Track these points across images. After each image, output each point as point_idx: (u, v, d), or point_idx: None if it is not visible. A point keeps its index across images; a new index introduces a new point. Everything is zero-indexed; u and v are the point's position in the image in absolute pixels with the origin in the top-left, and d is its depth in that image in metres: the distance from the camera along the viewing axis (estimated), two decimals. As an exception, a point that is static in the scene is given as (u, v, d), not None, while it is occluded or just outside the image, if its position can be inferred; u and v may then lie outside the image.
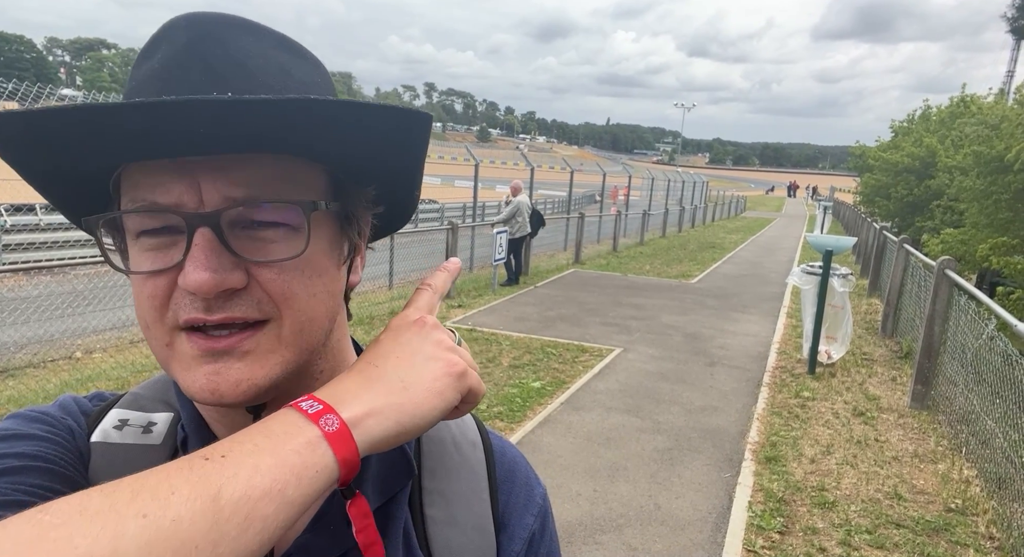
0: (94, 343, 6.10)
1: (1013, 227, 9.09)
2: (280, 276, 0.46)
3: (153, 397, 0.59)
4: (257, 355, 0.46)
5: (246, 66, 0.46)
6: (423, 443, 0.59)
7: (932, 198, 15.07)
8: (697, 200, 30.84)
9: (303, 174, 0.48)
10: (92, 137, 0.42)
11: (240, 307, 0.45)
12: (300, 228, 0.47)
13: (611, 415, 4.99)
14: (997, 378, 4.21)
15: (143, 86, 0.46)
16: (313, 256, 0.48)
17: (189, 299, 0.45)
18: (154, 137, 0.41)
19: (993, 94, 17.36)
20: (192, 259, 0.44)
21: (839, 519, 3.64)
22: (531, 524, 0.60)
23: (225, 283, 0.44)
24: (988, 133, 9.74)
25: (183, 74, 0.45)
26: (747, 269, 14.21)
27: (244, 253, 0.45)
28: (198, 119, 0.40)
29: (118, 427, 0.55)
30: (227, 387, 0.45)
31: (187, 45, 0.45)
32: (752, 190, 73.47)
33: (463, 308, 8.34)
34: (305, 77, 0.50)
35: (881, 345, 7.69)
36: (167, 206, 0.45)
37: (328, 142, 0.46)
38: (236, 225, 0.45)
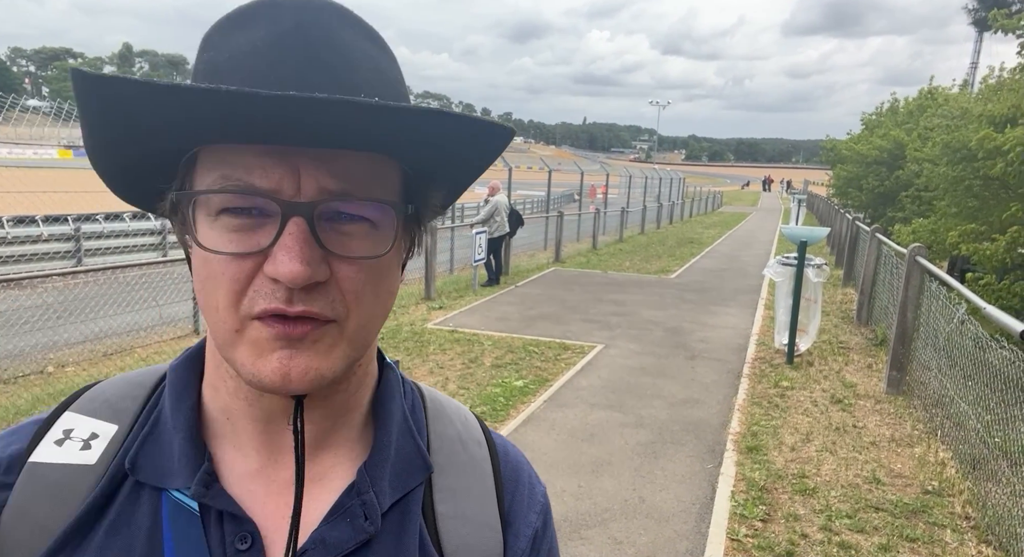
0: (66, 357, 5.97)
1: (981, 215, 9.29)
2: (358, 274, 0.47)
3: (110, 401, 0.56)
4: (325, 346, 0.47)
5: (348, 60, 0.46)
6: (432, 440, 0.60)
7: (902, 189, 15.36)
8: (674, 196, 31.11)
9: (387, 172, 0.48)
10: (213, 118, 0.41)
11: (319, 302, 0.45)
12: (381, 226, 0.48)
13: (594, 411, 5.01)
14: (969, 362, 4.31)
15: (243, 61, 0.45)
16: (390, 255, 0.49)
17: (272, 288, 0.44)
18: (277, 126, 0.41)
19: (958, 86, 17.77)
20: (285, 248, 0.43)
21: (820, 505, 3.70)
22: (535, 522, 0.61)
23: (315, 276, 0.44)
24: (957, 123, 9.95)
25: (293, 60, 0.44)
26: (725, 263, 14.37)
27: (331, 247, 0.45)
28: (328, 116, 0.40)
29: (59, 441, 0.53)
30: (297, 373, 0.45)
31: (296, 29, 0.45)
32: (728, 185, 74.31)
33: (444, 309, 8.31)
34: (391, 73, 0.50)
35: (856, 333, 7.82)
36: (265, 190, 0.44)
37: (425, 148, 0.47)
38: (323, 217, 0.45)
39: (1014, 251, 7.42)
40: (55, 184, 10.67)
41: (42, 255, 9.43)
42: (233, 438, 0.53)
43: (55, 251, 9.85)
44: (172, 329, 7.01)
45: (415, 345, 6.57)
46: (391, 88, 0.49)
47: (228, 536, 0.50)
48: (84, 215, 10.45)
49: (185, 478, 0.51)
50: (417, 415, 0.60)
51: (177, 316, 7.11)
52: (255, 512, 0.51)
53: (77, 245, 10.09)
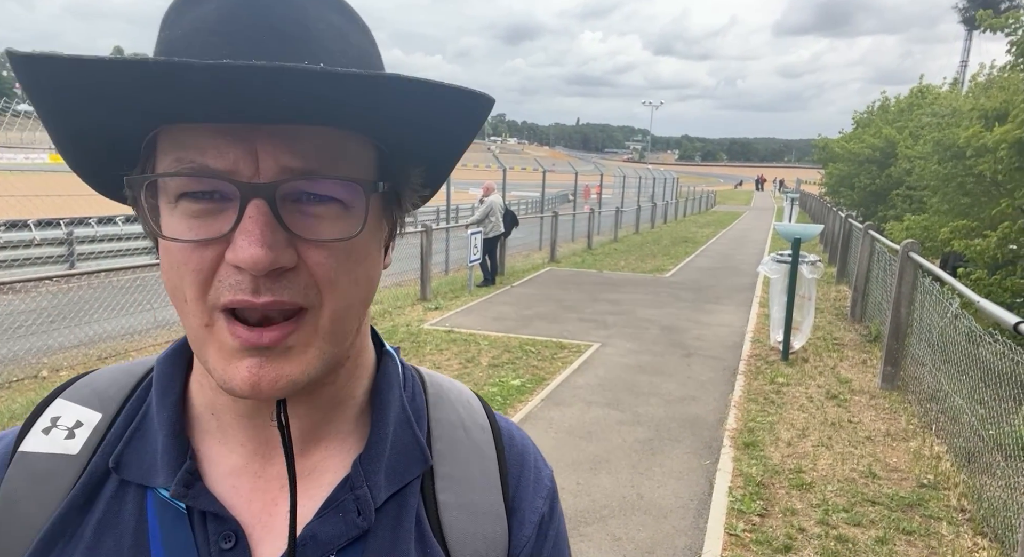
0: (60, 361, 5.94)
1: (973, 211, 9.37)
2: (328, 259, 0.44)
3: (98, 389, 0.55)
4: (297, 351, 0.44)
5: (308, 28, 0.43)
6: (433, 427, 0.58)
7: (894, 187, 15.45)
8: (668, 196, 31.18)
9: (357, 149, 0.45)
10: (150, 93, 0.38)
11: (288, 290, 0.43)
12: (352, 207, 0.44)
13: (591, 409, 5.02)
14: (963, 356, 4.34)
15: (195, 37, 0.42)
16: (363, 237, 0.46)
17: (236, 279, 0.42)
18: (222, 100, 0.38)
19: (948, 84, 17.90)
20: (245, 232, 0.41)
21: (817, 499, 3.71)
22: (541, 507, 0.59)
23: (279, 261, 0.41)
24: (948, 121, 10.02)
25: (240, 29, 0.41)
26: (719, 261, 14.41)
27: (297, 230, 0.42)
28: (278, 87, 0.37)
29: (46, 429, 0.52)
30: (267, 383, 0.43)
31: (242, 5, 0.42)
32: (721, 185, 74.54)
33: (440, 310, 8.31)
34: (359, 42, 0.47)
35: (851, 330, 7.86)
36: (220, 171, 0.41)
37: (392, 120, 0.43)
38: (288, 198, 0.43)
39: (1005, 247, 7.48)
40: (47, 188, 10.60)
41: (35, 260, 9.37)
42: (219, 434, 0.52)
43: (48, 255, 9.79)
44: (166, 332, 6.98)
45: (411, 346, 6.58)
46: (360, 59, 0.46)
47: (212, 535, 0.48)
48: (76, 219, 10.40)
49: (167, 477, 0.49)
50: (417, 403, 0.58)
51: (171, 319, 7.08)
52: (240, 509, 0.50)
53: (70, 249, 10.04)
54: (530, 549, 0.57)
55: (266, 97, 0.38)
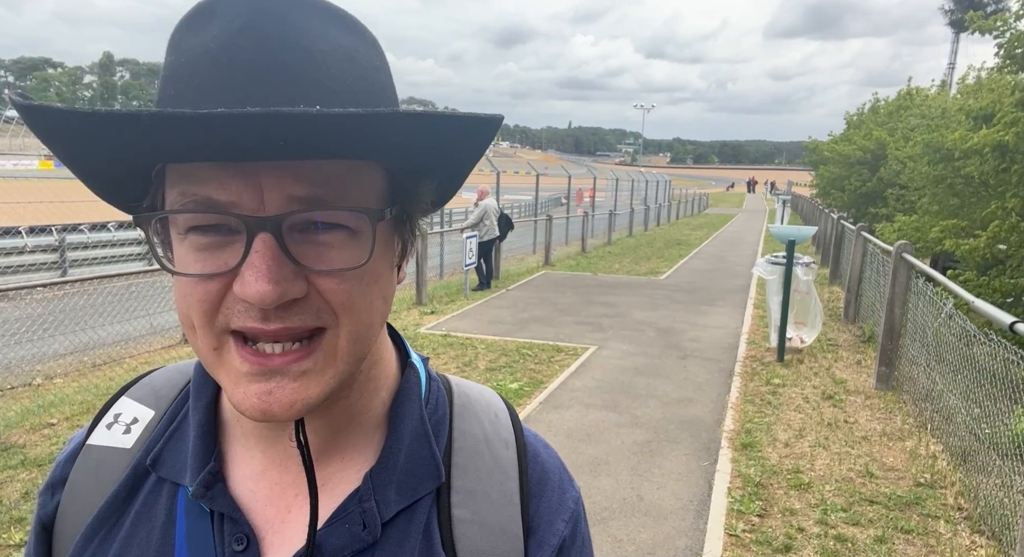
0: (54, 368, 5.90)
1: (962, 212, 9.46)
2: (340, 286, 0.44)
3: (157, 388, 0.59)
4: (312, 374, 0.44)
5: (311, 53, 0.42)
6: (455, 439, 0.57)
7: (885, 188, 15.57)
8: (661, 199, 31.29)
9: (366, 175, 0.45)
10: (145, 141, 0.39)
11: (299, 317, 0.43)
12: (360, 232, 0.44)
13: (590, 412, 5.03)
14: (956, 356, 4.38)
15: (197, 65, 0.42)
16: (373, 263, 0.45)
17: (244, 307, 0.42)
18: (217, 146, 0.38)
19: (936, 86, 18.07)
20: (252, 268, 0.41)
21: (815, 499, 3.74)
22: (562, 530, 0.57)
23: (287, 294, 0.41)
24: (938, 123, 10.13)
25: (242, 58, 0.41)
26: (713, 263, 14.48)
27: (305, 261, 0.42)
28: (273, 131, 0.37)
29: (109, 425, 0.57)
30: (279, 408, 0.43)
31: (246, 26, 0.41)
32: (713, 187, 74.88)
33: (436, 314, 8.31)
34: (366, 61, 0.46)
35: (845, 331, 7.92)
36: (225, 205, 0.41)
37: (400, 149, 0.43)
38: (295, 228, 0.43)
39: (995, 246, 7.56)
40: (38, 195, 10.53)
41: (27, 266, 9.30)
42: (243, 438, 0.54)
43: (40, 262, 9.73)
44: (161, 339, 6.94)
45: (408, 350, 6.57)
46: (366, 78, 0.45)
47: (227, 536, 0.50)
48: (68, 225, 10.34)
49: (192, 476, 0.52)
50: (439, 416, 0.57)
51: (166, 325, 7.05)
52: (256, 513, 0.51)
53: (62, 256, 9.97)
54: None
55: (262, 140, 0.38)
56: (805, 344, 6.72)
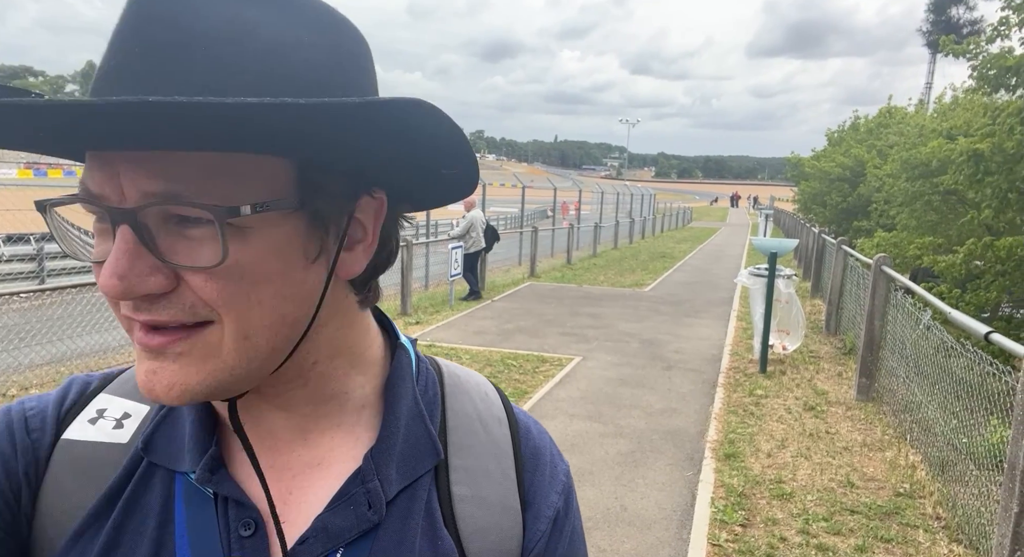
0: (30, 379, 5.79)
1: (940, 228, 9.67)
2: (209, 283, 0.42)
3: None
4: (192, 359, 0.43)
5: (190, 32, 0.40)
6: (448, 419, 0.57)
7: (865, 204, 15.85)
8: (646, 212, 31.54)
9: (248, 167, 0.42)
10: (27, 129, 0.40)
11: (168, 310, 0.42)
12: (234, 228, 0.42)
13: (574, 422, 5.03)
14: (934, 368, 4.45)
15: (104, 56, 0.42)
16: (255, 260, 0.43)
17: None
18: (72, 132, 0.39)
19: (914, 104, 18.50)
20: (108, 259, 0.41)
21: (797, 509, 3.76)
22: (556, 502, 0.58)
23: (136, 289, 0.40)
24: (915, 141, 10.37)
25: (131, 48, 0.40)
26: (697, 276, 14.60)
27: (168, 255, 0.41)
28: (113, 120, 0.36)
29: (93, 420, 0.54)
30: (160, 389, 0.43)
31: (131, 6, 0.41)
32: (697, 201, 75.65)
33: (421, 324, 8.28)
34: (278, 37, 0.42)
35: (826, 343, 8.01)
36: (96, 196, 0.42)
37: (274, 140, 0.40)
38: (169, 220, 0.41)
39: (971, 263, 7.72)
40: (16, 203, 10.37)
41: (4, 276, 9.15)
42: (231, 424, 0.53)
43: (18, 271, 9.57)
44: (141, 348, 6.84)
45: (392, 360, 6.54)
46: (268, 57, 0.41)
47: (233, 522, 0.49)
48: (47, 234, 10.15)
49: (193, 461, 0.50)
50: (430, 396, 0.58)
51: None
52: (258, 497, 0.50)
53: (40, 265, 9.82)
54: (544, 543, 0.56)
55: (104, 130, 0.38)
56: (788, 352, 6.81)
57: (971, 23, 51.09)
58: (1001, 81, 7.20)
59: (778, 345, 6.80)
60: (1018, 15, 6.75)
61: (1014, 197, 7.19)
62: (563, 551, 0.58)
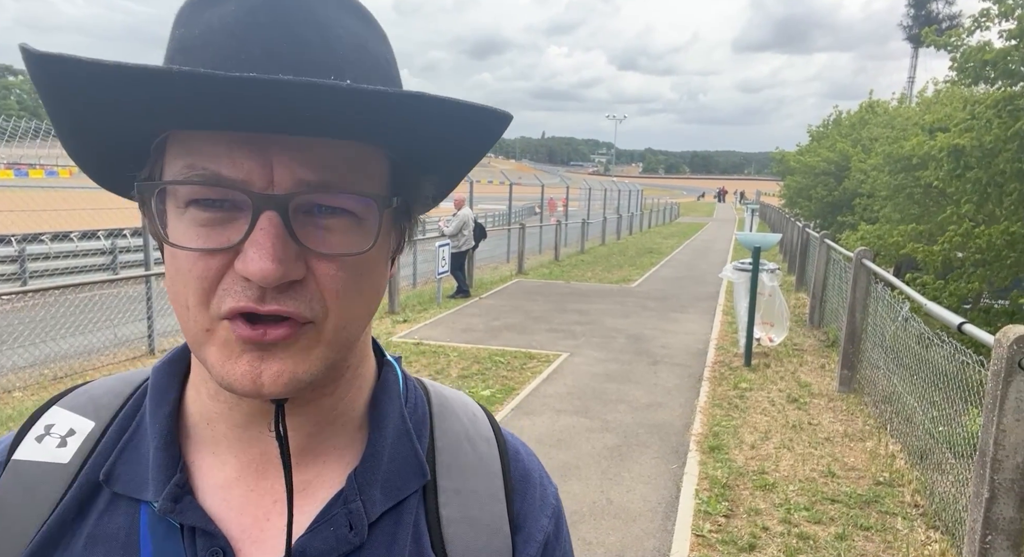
0: (13, 382, 5.74)
1: (922, 221, 9.80)
2: (338, 272, 0.43)
3: (94, 397, 0.54)
4: (299, 349, 0.44)
5: (327, 36, 0.42)
6: (437, 439, 0.56)
7: (850, 198, 16.00)
8: (633, 208, 31.65)
9: (372, 161, 0.45)
10: (169, 101, 0.38)
11: (294, 302, 0.42)
12: (364, 220, 0.44)
13: (561, 417, 5.07)
14: (913, 359, 4.53)
15: (211, 37, 0.41)
16: (373, 252, 0.45)
17: (243, 286, 0.41)
18: (242, 112, 0.38)
19: (896, 99, 18.69)
20: (257, 245, 0.40)
21: (779, 499, 3.82)
22: (546, 526, 0.57)
23: (288, 275, 0.41)
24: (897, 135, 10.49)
25: (261, 34, 0.41)
26: (684, 271, 14.70)
27: (308, 243, 0.42)
28: (302, 102, 0.37)
29: (40, 437, 0.52)
30: (268, 378, 0.42)
31: (264, 3, 0.41)
32: (684, 197, 75.99)
33: (408, 323, 8.29)
34: (376, 50, 0.46)
35: (810, 336, 8.11)
36: (234, 181, 0.41)
37: (410, 136, 0.43)
38: (300, 209, 0.42)
39: (952, 253, 7.83)
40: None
41: (-15, 277, 9.03)
42: (212, 445, 0.50)
43: (0, 274, 9.46)
44: (126, 350, 6.80)
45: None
46: (377, 68, 0.45)
47: (201, 551, 0.47)
48: (29, 235, 10.07)
49: (156, 491, 0.48)
50: (419, 415, 0.57)
51: (130, 336, 6.90)
52: (231, 523, 0.48)
53: (22, 266, 9.71)
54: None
55: (288, 111, 0.37)
56: (775, 343, 6.90)
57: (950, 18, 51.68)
58: (980, 73, 7.30)
59: (764, 337, 6.88)
60: (998, 8, 6.84)
61: (993, 191, 7.30)
62: None
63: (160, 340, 6.89)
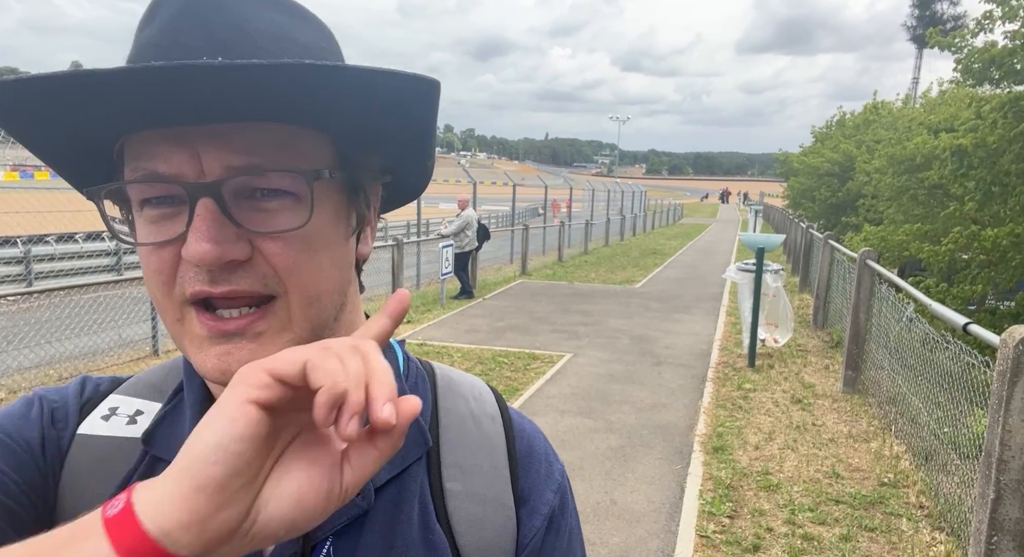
0: (18, 382, 5.76)
1: (926, 221, 9.78)
2: (284, 249, 0.45)
3: (152, 383, 0.58)
4: (268, 336, 0.46)
5: (245, 30, 0.45)
6: (441, 417, 0.58)
7: (854, 199, 15.97)
8: (637, 209, 31.63)
9: (306, 142, 0.47)
10: (82, 106, 0.41)
11: (245, 280, 0.45)
12: (304, 198, 0.46)
13: (564, 418, 5.07)
14: (918, 360, 4.52)
15: (141, 53, 0.45)
16: (318, 228, 0.47)
17: (194, 271, 0.44)
18: (147, 105, 0.41)
19: (900, 100, 18.65)
20: (194, 230, 0.43)
21: (783, 500, 3.81)
22: (551, 500, 0.58)
23: (227, 255, 0.43)
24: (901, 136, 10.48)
25: (181, 40, 0.44)
26: (687, 272, 14.68)
27: (247, 224, 0.44)
28: (192, 86, 0.39)
29: (106, 417, 0.55)
30: (237, 368, 0.44)
31: (183, 10, 0.44)
32: (688, 198, 75.93)
33: (412, 323, 8.30)
34: (309, 41, 0.48)
35: (814, 336, 8.09)
36: (167, 176, 0.44)
37: (328, 109, 0.45)
38: (240, 195, 0.45)
39: (956, 254, 7.81)
40: (2, 206, 10.29)
41: (-7, 278, 9.07)
42: None
43: (4, 275, 9.50)
44: (130, 351, 6.82)
45: (383, 359, 6.55)
46: (305, 56, 0.47)
47: None
48: (34, 236, 10.12)
49: None
50: (420, 393, 0.59)
51: (135, 337, 6.93)
52: None
53: (27, 268, 9.75)
54: (540, 540, 0.57)
55: (179, 97, 0.40)
56: (779, 344, 6.89)
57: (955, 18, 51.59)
58: (985, 74, 7.28)
59: (769, 338, 6.87)
60: (1002, 9, 6.83)
61: (997, 190, 7.28)
62: (561, 551, 0.58)
63: (164, 341, 6.91)
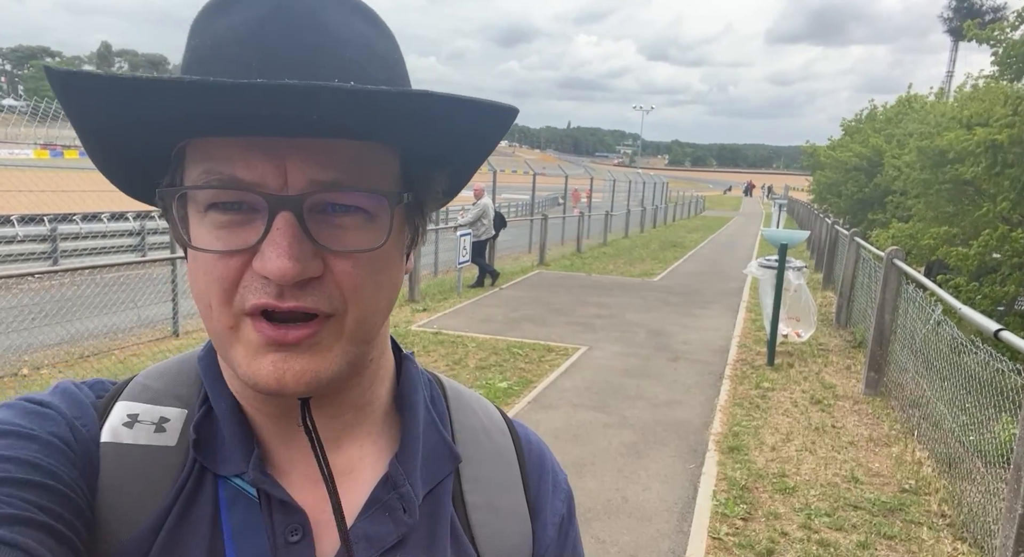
0: (41, 359, 5.86)
1: (956, 219, 9.51)
2: (354, 268, 0.45)
3: (165, 390, 0.55)
4: (320, 348, 0.45)
5: (334, 37, 0.44)
6: (456, 430, 0.59)
7: (882, 195, 15.61)
8: (658, 201, 31.31)
9: (382, 159, 0.46)
10: (182, 111, 0.39)
11: (312, 297, 0.44)
12: (377, 217, 0.46)
13: (578, 412, 5.02)
14: (945, 363, 4.39)
15: (223, 46, 0.43)
16: (386, 249, 0.47)
17: (261, 283, 0.43)
18: (253, 117, 0.39)
19: (934, 93, 18.13)
20: (274, 245, 0.42)
21: (799, 503, 3.74)
22: (560, 509, 0.61)
23: (306, 272, 0.43)
24: (930, 129, 10.18)
25: (272, 40, 0.42)
26: (707, 266, 14.50)
27: (323, 241, 0.44)
28: (310, 103, 0.38)
29: (128, 424, 0.52)
30: (291, 378, 0.44)
31: (277, 10, 0.43)
32: (710, 190, 75.01)
33: (428, 311, 8.29)
34: (384, 51, 0.48)
35: (836, 336, 7.93)
36: (249, 184, 0.43)
37: (419, 132, 0.45)
38: (314, 209, 0.44)
39: (987, 255, 7.59)
40: (31, 184, 10.46)
41: (17, 256, 9.24)
42: (260, 430, 0.52)
43: (31, 252, 9.67)
44: (151, 331, 6.91)
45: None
46: (385, 68, 0.47)
47: (279, 526, 0.49)
48: (61, 215, 10.28)
49: (238, 464, 0.50)
50: (439, 407, 0.60)
51: (156, 318, 7.01)
52: (303, 503, 0.50)
53: (53, 246, 9.92)
54: (554, 549, 0.60)
55: (296, 114, 0.39)
56: (803, 339, 6.80)
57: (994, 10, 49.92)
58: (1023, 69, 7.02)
59: (792, 332, 6.77)
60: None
61: (1034, 190, 7.03)
62: (568, 556, 0.62)
63: (184, 322, 6.99)
